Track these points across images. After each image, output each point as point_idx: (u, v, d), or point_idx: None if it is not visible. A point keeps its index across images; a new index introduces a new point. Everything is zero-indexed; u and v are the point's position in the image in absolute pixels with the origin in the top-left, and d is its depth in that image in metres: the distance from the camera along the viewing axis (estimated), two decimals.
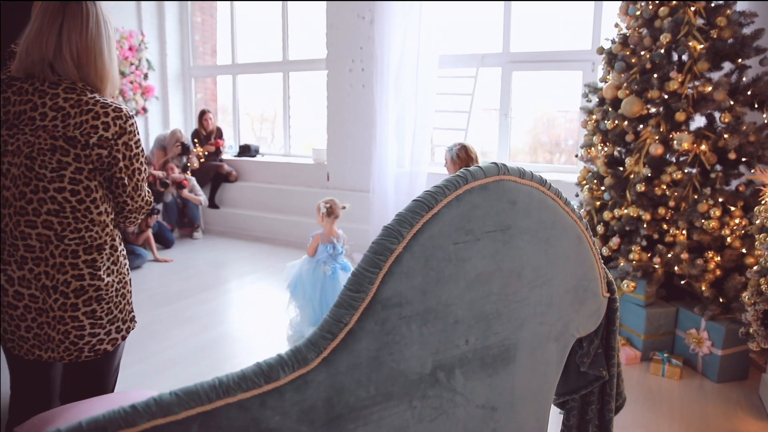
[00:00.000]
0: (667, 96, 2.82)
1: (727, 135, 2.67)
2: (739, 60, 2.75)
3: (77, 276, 1.39)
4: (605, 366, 1.39)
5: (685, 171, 2.76)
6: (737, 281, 2.56)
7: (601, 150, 3.10)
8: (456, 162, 2.83)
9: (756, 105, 2.73)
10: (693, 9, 2.74)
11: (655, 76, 2.83)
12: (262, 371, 0.77)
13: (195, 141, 5.77)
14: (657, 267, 2.74)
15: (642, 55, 2.92)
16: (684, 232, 2.72)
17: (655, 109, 2.89)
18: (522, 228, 1.13)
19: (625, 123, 2.94)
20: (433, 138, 4.95)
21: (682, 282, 2.75)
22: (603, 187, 3.04)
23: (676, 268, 2.70)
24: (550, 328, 1.24)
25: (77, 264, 1.38)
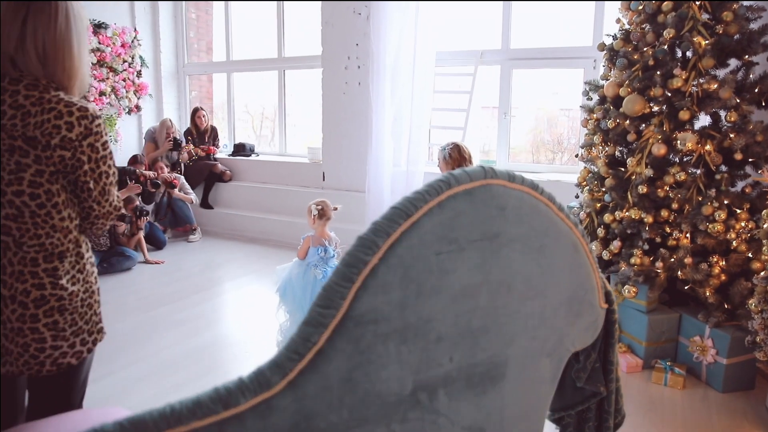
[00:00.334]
0: (671, 94, 2.72)
1: (733, 134, 2.58)
2: (746, 56, 2.65)
3: (37, 285, 1.29)
4: (603, 381, 1.30)
5: (689, 172, 2.66)
6: (743, 287, 2.46)
7: (602, 150, 3.00)
8: (449, 162, 2.74)
9: (763, 103, 2.63)
10: (698, 3, 2.64)
11: (658, 73, 2.73)
12: (219, 397, 0.70)
13: (188, 138, 5.68)
14: (659, 272, 2.64)
15: (644, 52, 2.82)
16: (687, 235, 2.62)
17: (658, 108, 2.79)
18: (512, 236, 1.03)
19: (627, 122, 2.84)
20: (431, 137, 4.85)
21: (685, 287, 2.65)
22: (604, 189, 2.94)
23: (679, 272, 2.60)
24: (542, 342, 1.14)
25: (37, 272, 1.29)
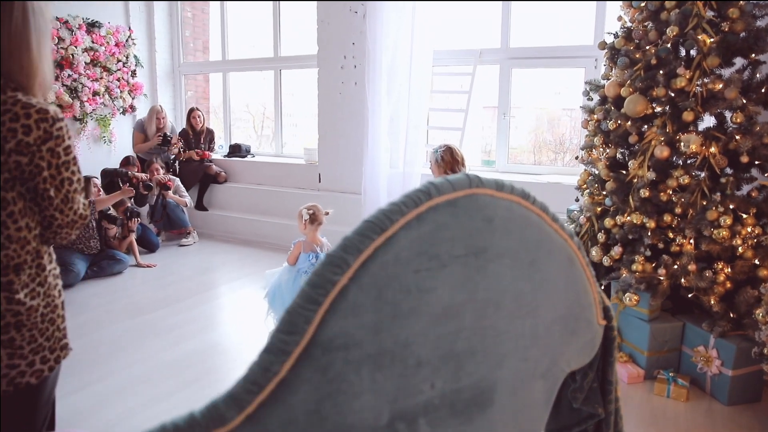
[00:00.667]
0: (674, 94, 2.62)
1: (739, 136, 2.48)
2: (753, 55, 2.55)
3: None
4: (601, 402, 1.20)
5: (693, 175, 2.56)
6: (749, 295, 2.36)
7: (603, 152, 2.91)
8: (441, 165, 2.65)
9: None
10: (702, 0, 2.54)
11: (661, 72, 2.63)
12: None
13: (180, 138, 5.59)
14: (662, 279, 2.55)
15: (647, 50, 2.73)
16: (691, 241, 2.52)
17: (661, 109, 2.69)
18: (500, 250, 0.94)
19: (629, 123, 2.74)
20: (428, 138, 4.76)
21: (689, 295, 2.55)
22: (604, 192, 2.85)
23: (682, 280, 2.50)
24: (535, 364, 1.05)
25: None
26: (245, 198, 5.52)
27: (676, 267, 2.52)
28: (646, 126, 2.74)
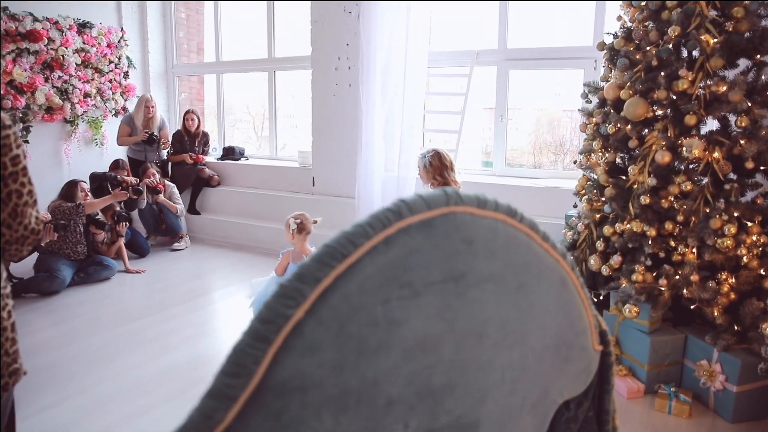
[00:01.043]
0: (676, 97, 2.52)
1: (744, 141, 2.37)
2: (758, 56, 2.45)
3: None
4: None
5: (696, 181, 2.46)
6: (755, 307, 2.26)
7: (602, 157, 2.81)
8: (429, 170, 2.55)
9: None
10: None
11: (662, 74, 2.53)
12: None
13: (177, 144, 5.50)
14: (663, 289, 2.44)
15: (647, 51, 2.63)
16: (694, 250, 2.42)
17: (662, 112, 2.59)
18: (482, 275, 0.83)
19: (628, 127, 2.64)
20: (425, 141, 4.66)
21: (691, 306, 2.45)
22: (603, 199, 2.75)
23: (684, 291, 2.40)
24: (524, 396, 0.94)
25: None
26: (238, 202, 5.42)
27: (677, 277, 2.42)
28: (646, 130, 2.64)
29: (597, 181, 2.83)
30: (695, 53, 2.53)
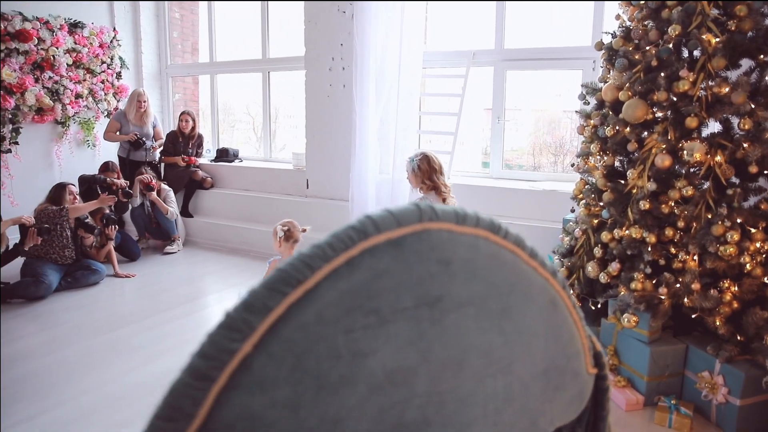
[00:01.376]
0: (676, 98, 2.44)
1: (747, 144, 2.29)
2: (761, 56, 2.35)
3: None
4: None
5: (697, 186, 2.37)
6: (758, 317, 2.18)
7: (600, 160, 2.72)
8: (417, 174, 2.46)
9: None
10: None
11: (662, 75, 2.45)
12: None
13: (171, 145, 5.41)
14: (663, 298, 2.36)
15: (647, 51, 2.54)
16: (695, 257, 2.33)
17: (662, 114, 2.51)
18: (461, 299, 0.73)
19: (627, 129, 2.56)
20: (420, 142, 4.58)
21: (692, 315, 2.36)
22: (601, 203, 2.66)
23: (685, 299, 2.32)
24: (509, 429, 0.86)
25: None
26: (232, 204, 5.34)
27: (678, 285, 2.34)
28: (646, 132, 2.56)
29: (595, 185, 2.74)
30: (696, 53, 2.44)
